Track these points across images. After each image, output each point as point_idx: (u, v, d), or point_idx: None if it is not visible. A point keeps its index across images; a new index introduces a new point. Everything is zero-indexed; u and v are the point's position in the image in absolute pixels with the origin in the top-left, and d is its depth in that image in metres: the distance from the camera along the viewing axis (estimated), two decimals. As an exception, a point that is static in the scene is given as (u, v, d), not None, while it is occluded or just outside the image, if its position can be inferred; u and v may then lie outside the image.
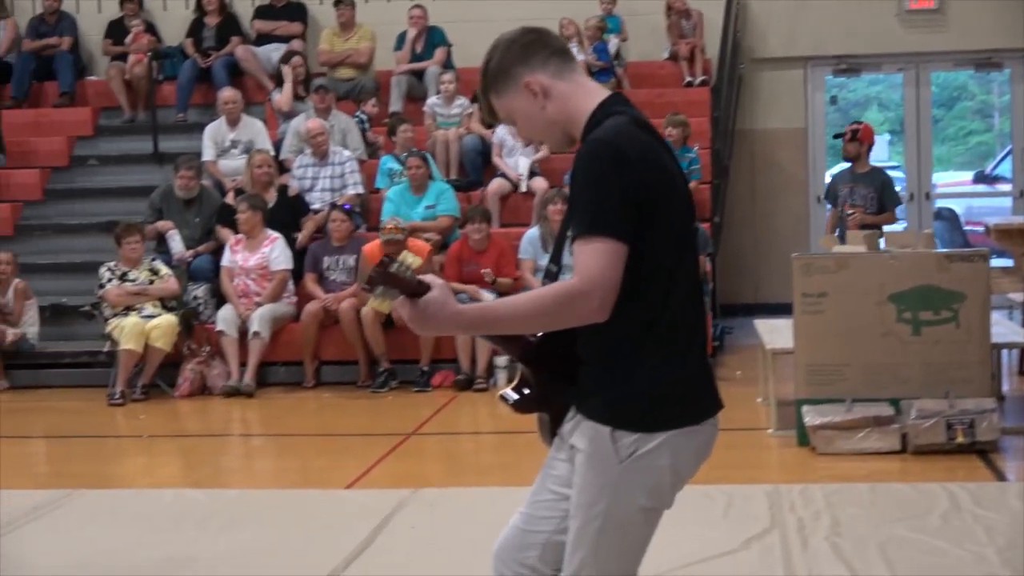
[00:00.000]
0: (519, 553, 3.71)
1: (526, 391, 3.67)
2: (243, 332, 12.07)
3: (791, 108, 15.84)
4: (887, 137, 22.50)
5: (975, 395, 8.49)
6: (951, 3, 15.39)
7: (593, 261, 3.31)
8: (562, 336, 3.56)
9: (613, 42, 14.80)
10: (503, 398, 3.70)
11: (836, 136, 12.59)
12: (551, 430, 3.69)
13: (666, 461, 3.48)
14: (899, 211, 12.81)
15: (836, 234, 11.57)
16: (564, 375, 3.58)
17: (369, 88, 14.97)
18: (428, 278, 3.37)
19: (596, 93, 3.61)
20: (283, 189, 13.02)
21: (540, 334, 3.59)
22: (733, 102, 14.74)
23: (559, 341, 3.57)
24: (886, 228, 11.66)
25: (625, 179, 3.34)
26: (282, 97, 14.52)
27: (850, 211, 11.83)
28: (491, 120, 3.80)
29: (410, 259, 3.37)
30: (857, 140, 12.03)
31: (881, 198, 11.87)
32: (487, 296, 11.48)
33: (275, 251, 12.26)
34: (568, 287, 3.34)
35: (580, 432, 3.53)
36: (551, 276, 3.67)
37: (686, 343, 3.52)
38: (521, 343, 3.61)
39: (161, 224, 12.96)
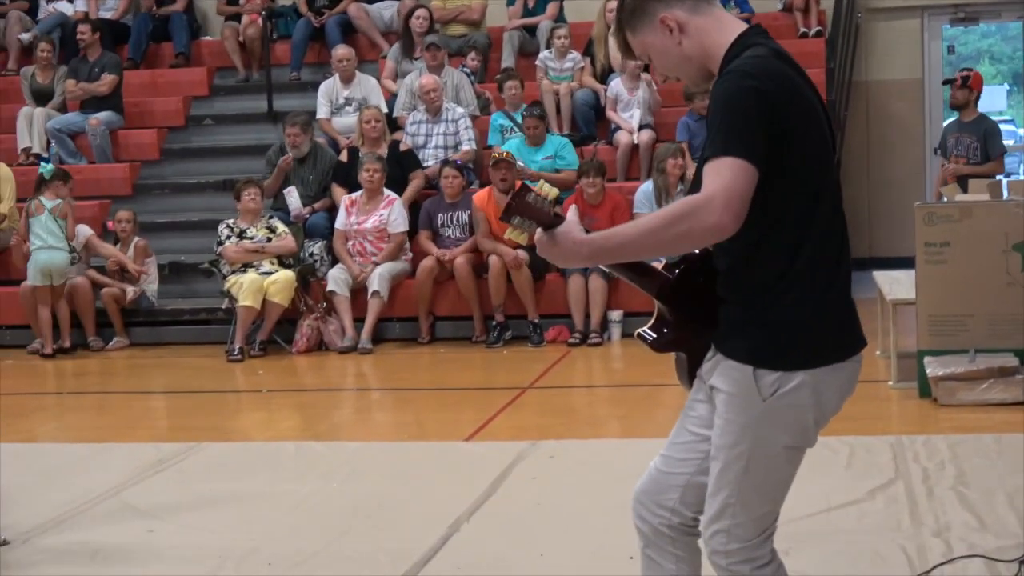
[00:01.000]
0: (659, 496, 3.69)
1: (665, 330, 3.63)
2: (355, 290, 12.16)
3: (907, 59, 15.60)
4: (1005, 87, 22.11)
5: (1100, 344, 8.35)
6: (1073, -51, 15.07)
7: (717, 175, 3.25)
8: (701, 274, 3.53)
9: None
10: (641, 336, 3.66)
11: (945, 82, 12.35)
12: (689, 371, 3.65)
13: (809, 398, 3.43)
14: (1013, 162, 12.58)
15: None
16: (703, 314, 3.54)
17: (481, 44, 14.96)
18: (564, 212, 3.36)
19: (734, 26, 3.55)
20: (394, 145, 13.06)
21: (678, 271, 3.55)
22: (848, 53, 14.54)
23: (698, 278, 3.54)
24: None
25: (760, 109, 3.29)
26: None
27: (952, 163, 11.66)
28: (626, 56, 3.74)
29: (546, 189, 3.36)
30: (968, 87, 11.81)
31: (985, 146, 11.67)
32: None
33: (393, 213, 12.30)
34: (691, 199, 3.28)
35: (720, 372, 3.50)
36: None
37: (827, 278, 3.46)
38: (659, 279, 3.56)
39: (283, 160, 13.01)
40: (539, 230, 3.35)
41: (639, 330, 3.68)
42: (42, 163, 13.38)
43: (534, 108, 13.00)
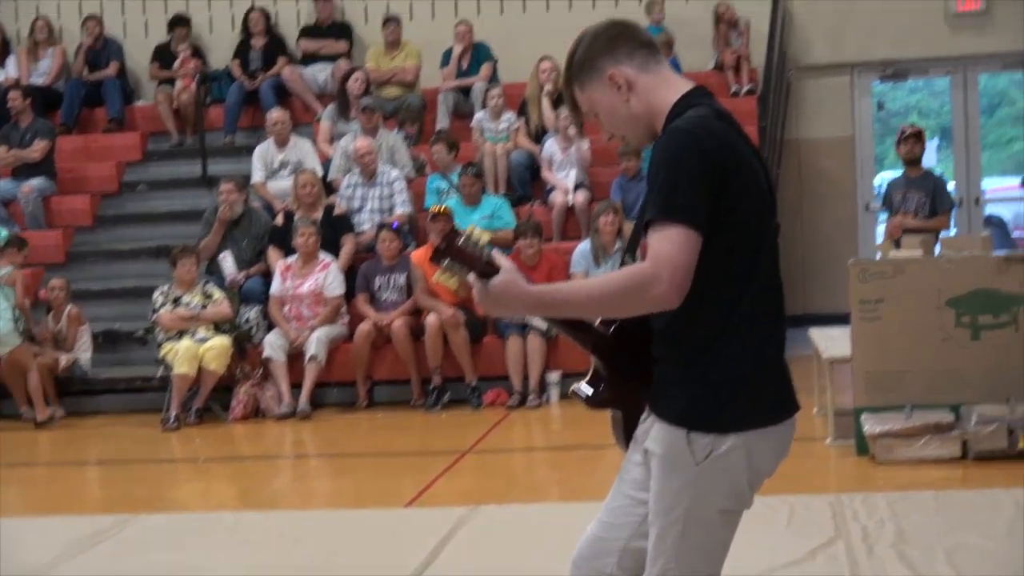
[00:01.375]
0: (596, 561, 3.68)
1: (600, 387, 3.63)
2: (291, 356, 12.09)
3: (838, 116, 15.76)
4: (935, 142, 22.37)
5: (1036, 399, 8.41)
6: (998, 5, 15.28)
7: (663, 245, 3.28)
8: (637, 332, 3.53)
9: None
10: (576, 392, 3.66)
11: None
12: (625, 431, 3.65)
13: (743, 461, 3.43)
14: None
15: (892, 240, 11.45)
16: (639, 372, 3.55)
17: (416, 106, 14.98)
18: (498, 259, 3.34)
19: (679, 85, 3.57)
20: (329, 208, 13.03)
21: (614, 328, 3.55)
22: (780, 111, 14.67)
23: (634, 336, 3.54)
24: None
25: (702, 168, 3.31)
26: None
27: (902, 218, 11.67)
28: (573, 113, 3.75)
29: (477, 233, 3.33)
30: (921, 142, 11.87)
31: (934, 202, 11.72)
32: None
33: (329, 277, 12.26)
34: (638, 269, 3.30)
35: (654, 435, 3.50)
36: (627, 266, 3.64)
37: (763, 341, 3.47)
38: (595, 334, 3.57)
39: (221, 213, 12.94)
40: (474, 278, 3.33)
41: (575, 386, 3.69)
42: None
43: (470, 168, 13.02)
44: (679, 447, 3.43)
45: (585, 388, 3.65)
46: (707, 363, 3.42)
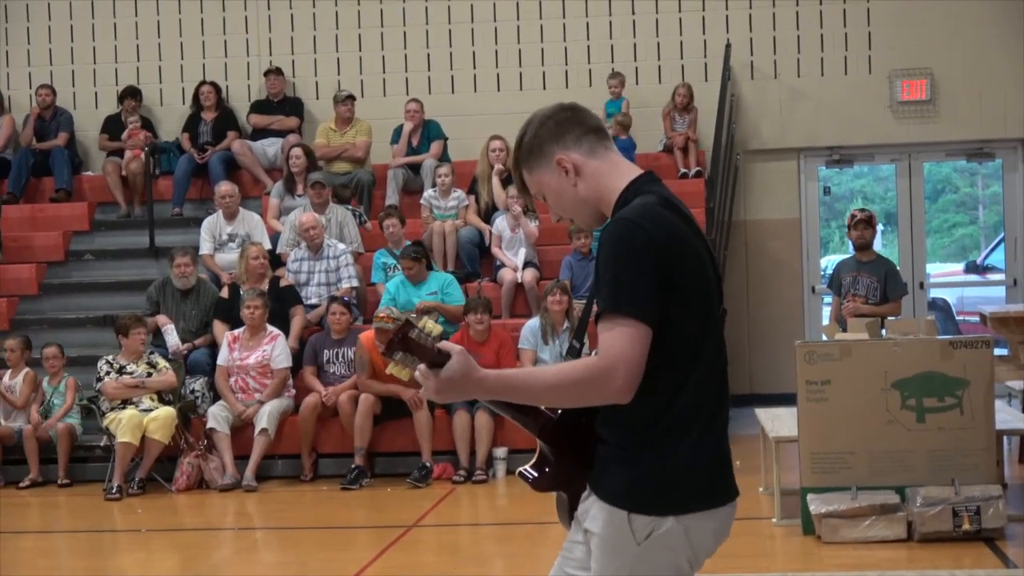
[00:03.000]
0: (538, 637, 3.68)
1: (546, 469, 3.65)
2: (236, 427, 12.04)
3: (785, 199, 15.92)
4: (880, 227, 22.64)
5: (980, 482, 8.47)
6: (942, 95, 15.54)
7: (617, 341, 3.32)
8: (582, 416, 3.55)
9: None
10: (522, 475, 3.68)
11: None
12: (570, 511, 3.66)
13: (684, 541, 3.46)
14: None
15: (838, 322, 11.45)
16: (583, 455, 3.56)
17: (366, 181, 15.02)
18: (447, 345, 3.36)
19: (628, 171, 3.61)
20: (275, 281, 13.02)
21: (560, 413, 3.57)
22: (728, 193, 14.81)
23: (579, 421, 3.56)
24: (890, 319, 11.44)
25: (649, 260, 3.34)
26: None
27: (849, 302, 11.66)
28: (522, 193, 3.78)
29: (430, 326, 3.35)
30: (872, 227, 11.87)
31: (884, 287, 11.68)
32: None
33: (276, 349, 12.23)
34: (593, 364, 3.33)
35: (594, 515, 3.51)
36: (574, 352, 3.66)
37: (704, 427, 3.50)
38: (542, 418, 3.59)
39: (159, 318, 12.95)
40: (424, 368, 3.34)
41: (520, 468, 3.71)
42: None
43: (412, 248, 12.96)
44: (620, 527, 3.45)
45: (531, 471, 3.68)
46: (648, 445, 3.45)
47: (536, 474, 3.67)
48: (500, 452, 11.77)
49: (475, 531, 10.49)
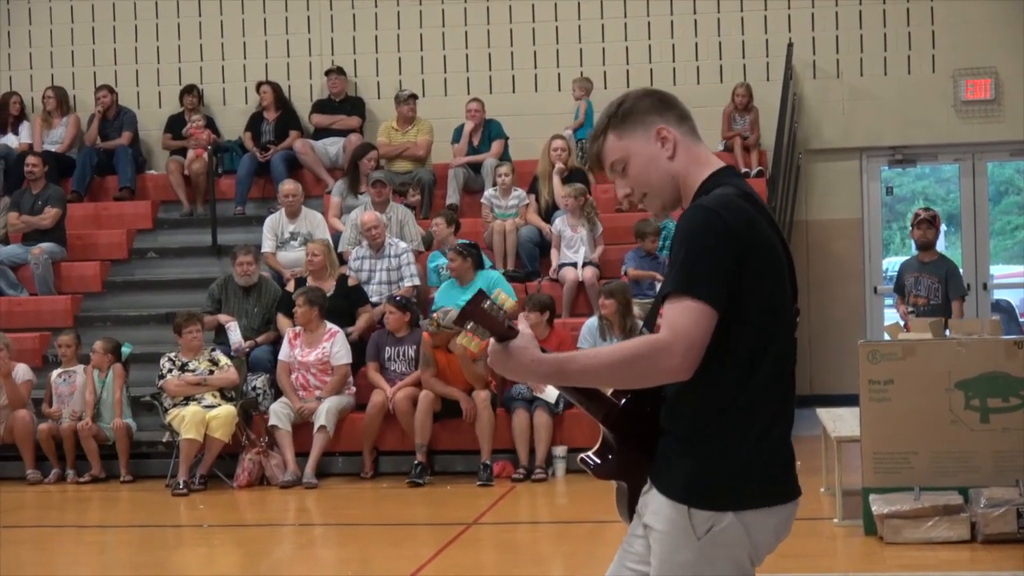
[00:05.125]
0: (600, 635, 3.66)
1: (609, 456, 3.63)
2: (296, 424, 12.09)
3: (847, 199, 15.82)
4: (943, 228, 22.47)
5: (1045, 483, 8.40)
6: (1007, 94, 15.39)
7: (680, 317, 3.30)
8: (648, 405, 3.53)
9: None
10: (584, 462, 3.67)
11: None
12: (629, 502, 3.64)
13: (744, 537, 3.44)
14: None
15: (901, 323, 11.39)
16: (646, 445, 3.55)
17: (426, 180, 15.07)
18: (517, 324, 3.36)
19: (712, 162, 3.62)
20: (343, 279, 13.07)
21: (625, 399, 3.56)
22: (789, 193, 14.74)
23: (644, 409, 3.54)
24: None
25: (724, 246, 3.33)
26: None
27: (910, 308, 11.60)
28: (595, 168, 3.72)
29: (503, 297, 3.37)
30: (935, 227, 11.82)
31: (946, 288, 11.63)
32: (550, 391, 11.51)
33: (335, 346, 12.27)
34: (651, 339, 3.32)
35: (654, 510, 3.49)
36: None
37: (768, 422, 3.48)
38: (606, 404, 3.57)
39: (221, 316, 13.02)
40: (492, 341, 3.35)
41: (583, 455, 3.69)
42: None
43: (461, 244, 12.94)
44: (680, 523, 3.44)
45: (593, 458, 3.67)
46: (711, 439, 3.43)
47: (598, 461, 3.65)
48: (559, 451, 11.76)
49: (534, 529, 10.49)
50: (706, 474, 3.43)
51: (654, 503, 3.50)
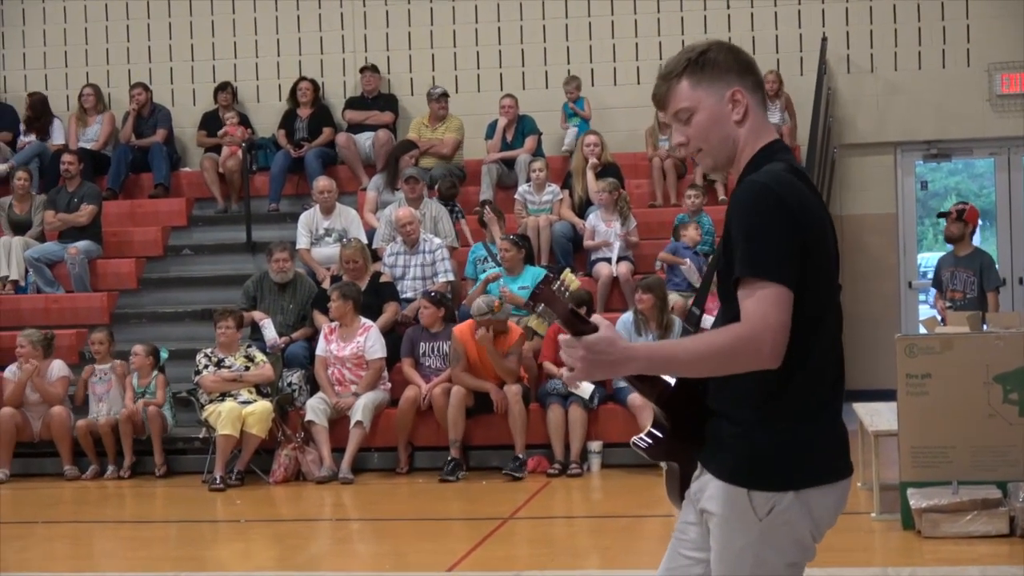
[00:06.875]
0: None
1: (661, 436, 3.61)
2: (332, 420, 12.11)
3: (881, 193, 15.77)
4: (980, 223, 22.38)
5: (1084, 477, 8.35)
6: (1043, 87, 15.33)
7: (760, 306, 3.27)
8: (698, 383, 3.51)
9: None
10: (636, 443, 3.65)
11: (940, 215, 12.24)
12: (680, 486, 3.63)
13: (806, 514, 3.43)
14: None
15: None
16: (699, 426, 3.53)
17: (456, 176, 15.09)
18: (595, 318, 3.33)
19: (769, 134, 3.59)
20: (375, 276, 13.09)
21: (678, 380, 3.53)
22: (824, 187, 14.70)
23: (695, 388, 3.52)
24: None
25: (787, 224, 3.32)
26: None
27: (948, 304, 11.58)
28: (658, 107, 3.66)
29: (569, 278, 3.35)
30: (963, 220, 11.82)
31: (981, 281, 11.61)
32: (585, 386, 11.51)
33: (370, 340, 12.29)
34: (739, 332, 3.28)
35: (711, 495, 3.47)
36: (693, 319, 3.63)
37: (822, 401, 3.47)
38: (659, 385, 3.55)
39: (255, 313, 13.05)
40: (566, 337, 3.31)
41: (635, 437, 3.66)
42: None
43: (516, 235, 13.04)
44: (740, 505, 3.42)
45: (644, 438, 3.64)
46: (767, 420, 3.41)
47: (650, 441, 3.63)
48: (595, 446, 11.76)
49: (570, 524, 10.50)
50: (763, 455, 3.41)
51: (710, 488, 3.48)
